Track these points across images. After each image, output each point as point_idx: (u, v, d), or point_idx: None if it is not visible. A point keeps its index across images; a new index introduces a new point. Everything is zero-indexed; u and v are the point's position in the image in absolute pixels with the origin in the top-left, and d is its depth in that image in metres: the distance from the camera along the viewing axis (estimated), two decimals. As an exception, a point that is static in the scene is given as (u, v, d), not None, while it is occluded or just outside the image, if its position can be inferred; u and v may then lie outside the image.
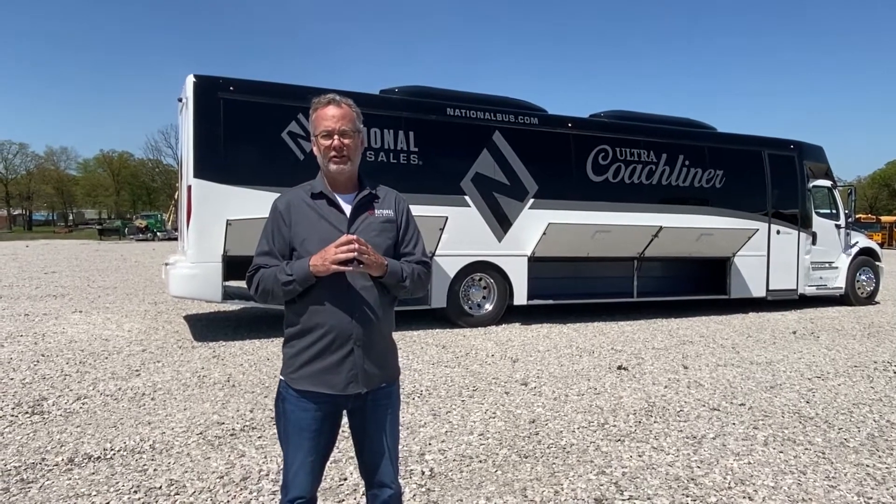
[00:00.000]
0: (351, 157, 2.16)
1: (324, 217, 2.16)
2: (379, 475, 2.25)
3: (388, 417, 2.25)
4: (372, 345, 2.17)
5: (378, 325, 2.18)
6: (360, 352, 2.13)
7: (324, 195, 2.18)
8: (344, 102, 2.17)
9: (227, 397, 5.18)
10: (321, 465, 2.23)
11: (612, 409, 5.02)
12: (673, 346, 7.71)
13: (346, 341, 2.12)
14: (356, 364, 2.13)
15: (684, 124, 10.90)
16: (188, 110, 7.58)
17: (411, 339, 7.95)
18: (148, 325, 8.62)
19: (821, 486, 3.60)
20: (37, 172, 72.44)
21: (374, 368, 2.18)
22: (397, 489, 2.27)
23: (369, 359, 2.16)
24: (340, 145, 2.13)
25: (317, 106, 2.17)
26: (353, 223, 2.16)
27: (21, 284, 13.55)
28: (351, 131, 2.15)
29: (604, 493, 3.45)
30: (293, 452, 2.17)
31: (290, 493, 2.17)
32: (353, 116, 2.17)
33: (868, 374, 6.35)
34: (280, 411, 2.22)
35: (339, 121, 2.13)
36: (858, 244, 12.11)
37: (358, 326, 2.12)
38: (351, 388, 2.14)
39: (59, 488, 3.42)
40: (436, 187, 8.56)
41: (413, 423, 4.59)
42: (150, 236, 45.17)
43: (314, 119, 2.17)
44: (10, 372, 5.92)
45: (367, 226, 2.18)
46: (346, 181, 2.21)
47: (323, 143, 2.14)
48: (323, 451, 2.21)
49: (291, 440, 2.17)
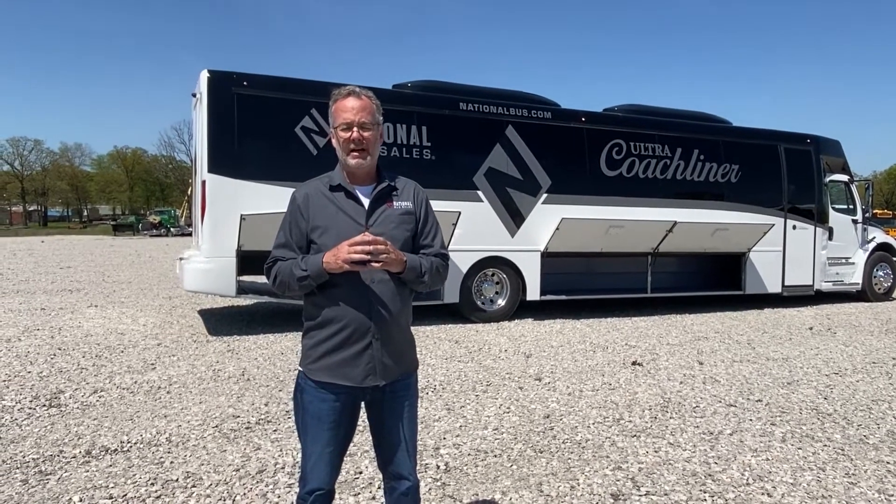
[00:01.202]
0: (370, 150, 2.15)
1: (342, 209, 2.15)
2: (397, 467, 2.23)
3: (406, 409, 2.24)
4: (390, 338, 2.16)
5: (396, 319, 2.17)
6: (378, 345, 2.13)
7: (342, 187, 2.17)
8: (364, 94, 2.15)
9: (242, 391, 5.20)
10: (339, 457, 2.22)
11: (627, 404, 4.99)
12: (688, 342, 7.66)
13: (364, 334, 2.11)
14: (374, 357, 2.13)
15: (699, 118, 10.79)
16: (202, 105, 7.61)
17: (424, 334, 7.94)
18: (163, 320, 8.68)
19: (840, 482, 3.55)
20: (52, 169, 73.09)
21: (392, 361, 2.17)
22: (415, 481, 2.26)
23: (387, 352, 2.15)
24: (360, 138, 2.11)
25: (336, 97, 2.16)
26: (371, 215, 2.15)
27: (37, 279, 13.69)
28: (370, 124, 2.13)
29: (620, 489, 3.43)
30: (311, 444, 2.17)
31: (309, 485, 2.16)
32: (373, 109, 2.15)
33: (887, 371, 6.27)
34: (298, 402, 2.22)
35: (358, 112, 2.11)
36: (875, 240, 11.97)
37: (376, 320, 2.12)
38: (369, 381, 2.13)
39: (77, 480, 3.44)
40: (448, 182, 8.54)
41: (427, 417, 4.58)
42: (164, 232, 45.50)
43: (333, 111, 2.16)
44: (28, 365, 5.98)
45: (385, 218, 2.17)
46: (364, 174, 2.19)
47: (342, 136, 2.13)
48: (341, 443, 2.20)
49: (310, 431, 2.17)
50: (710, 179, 10.34)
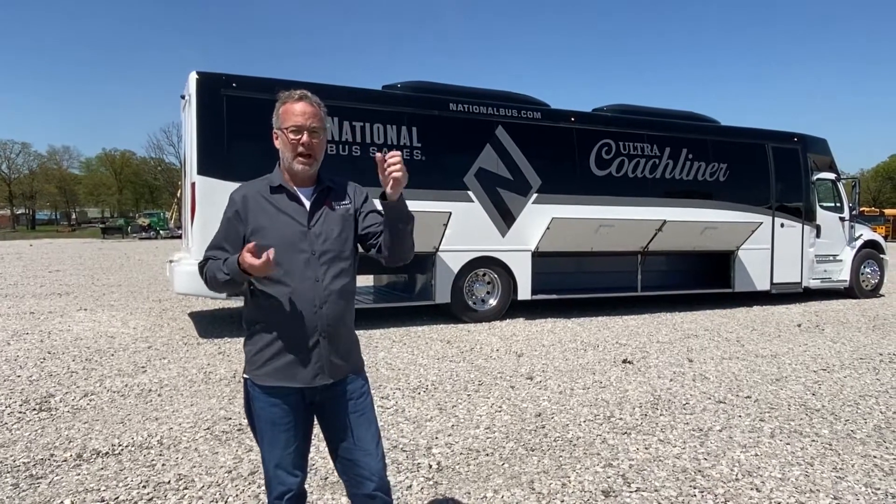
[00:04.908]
0: (317, 156, 2.17)
1: (283, 211, 2.15)
2: (356, 468, 2.18)
3: (363, 407, 2.23)
4: (337, 336, 2.17)
5: (342, 316, 2.18)
6: (325, 343, 2.13)
7: (283, 188, 2.18)
8: (314, 101, 2.17)
9: (233, 393, 5.19)
10: (302, 458, 2.22)
11: (617, 402, 5.02)
12: (678, 340, 7.71)
13: (311, 333, 2.12)
14: (322, 356, 2.13)
15: (687, 118, 10.86)
16: (191, 107, 7.59)
17: (416, 334, 7.95)
18: (153, 323, 8.64)
19: (828, 477, 3.60)
20: (39, 172, 72.44)
21: (340, 359, 2.18)
22: (380, 482, 2.19)
23: (335, 350, 2.16)
24: (309, 143, 2.13)
25: (286, 100, 2.16)
26: (312, 217, 2.17)
27: (26, 283, 13.59)
28: (320, 129, 2.16)
29: (611, 486, 3.45)
30: (270, 449, 2.16)
31: (276, 490, 2.16)
32: (322, 115, 2.18)
33: (874, 367, 6.34)
34: (250, 411, 2.22)
35: (309, 118, 2.13)
36: (863, 237, 12.08)
37: (323, 318, 2.12)
38: (318, 380, 2.14)
39: (68, 483, 3.43)
40: (439, 183, 8.55)
41: (419, 417, 4.60)
42: (153, 234, 45.27)
43: (282, 112, 2.16)
44: (17, 369, 5.95)
45: (327, 218, 2.18)
46: (307, 177, 2.20)
47: (292, 138, 2.13)
48: (301, 444, 2.20)
49: (266, 437, 2.17)
50: (698, 178, 10.41)
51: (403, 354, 6.75)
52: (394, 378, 5.68)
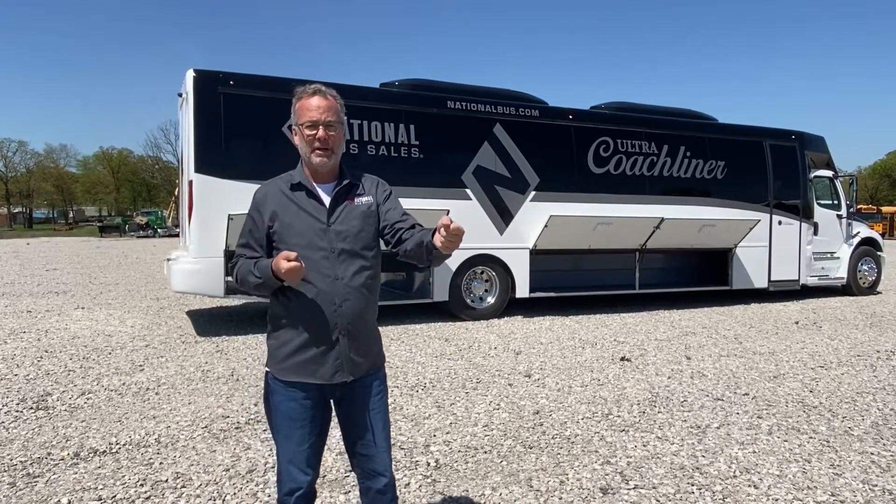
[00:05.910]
0: (335, 149, 2.16)
1: (303, 208, 2.16)
2: (370, 463, 2.23)
3: (377, 404, 2.24)
4: (357, 333, 2.17)
5: (362, 314, 2.18)
6: (345, 341, 2.14)
7: (303, 186, 2.18)
8: (329, 94, 2.16)
9: (231, 391, 5.19)
10: (316, 455, 2.23)
11: (615, 399, 5.03)
12: (675, 337, 7.72)
13: (331, 331, 2.12)
14: (342, 353, 2.14)
15: (685, 115, 10.87)
16: (188, 105, 7.57)
17: (414, 332, 7.95)
18: (150, 321, 8.63)
19: (826, 473, 3.60)
20: (36, 170, 72.29)
21: (360, 357, 2.18)
22: (390, 477, 2.25)
23: (355, 347, 2.16)
24: (325, 137, 2.12)
25: (301, 95, 2.16)
26: (332, 213, 2.16)
27: (23, 282, 13.56)
28: (336, 123, 2.15)
29: (609, 483, 3.46)
30: (285, 444, 2.17)
31: (286, 486, 2.17)
32: (338, 108, 2.17)
33: (871, 364, 6.35)
34: (269, 404, 2.23)
35: (324, 112, 2.12)
36: (860, 234, 12.09)
37: (343, 315, 2.12)
38: (337, 378, 2.15)
39: (66, 482, 3.43)
40: (437, 181, 8.55)
41: (417, 415, 4.60)
42: (151, 233, 45.15)
43: (298, 108, 2.16)
44: (14, 368, 5.93)
45: (347, 215, 2.18)
46: (327, 172, 2.20)
47: (307, 133, 2.13)
48: (316, 441, 2.21)
49: (282, 431, 2.18)
50: (696, 176, 10.41)
51: (401, 352, 6.75)
52: (392, 376, 5.67)
